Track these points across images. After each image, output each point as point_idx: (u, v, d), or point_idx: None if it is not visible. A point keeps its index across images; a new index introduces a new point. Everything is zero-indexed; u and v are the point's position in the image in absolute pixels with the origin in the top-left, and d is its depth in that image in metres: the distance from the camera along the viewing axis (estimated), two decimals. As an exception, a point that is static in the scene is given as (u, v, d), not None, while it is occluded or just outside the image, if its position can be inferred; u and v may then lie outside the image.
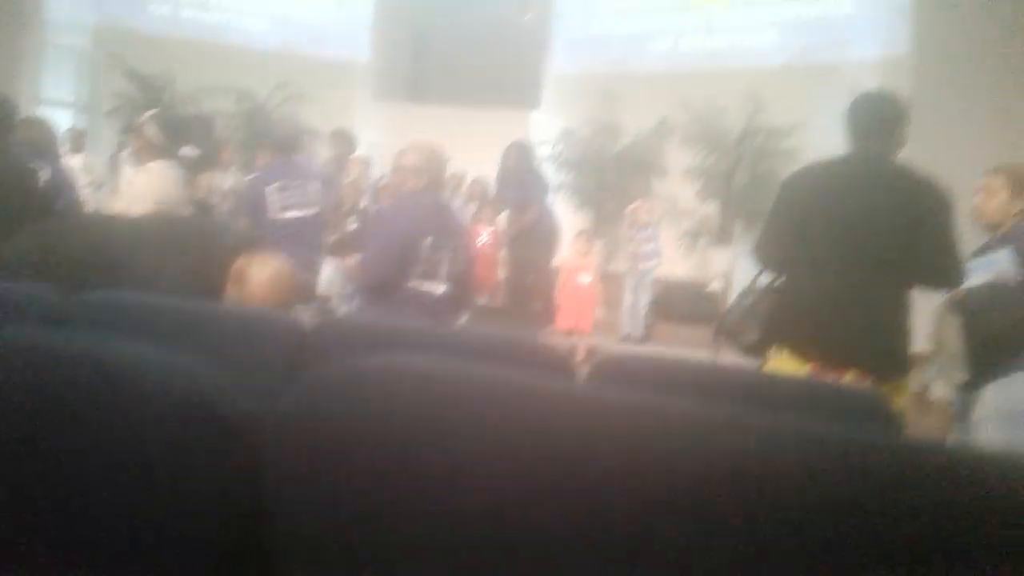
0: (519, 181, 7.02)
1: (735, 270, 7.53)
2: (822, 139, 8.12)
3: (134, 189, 4.07)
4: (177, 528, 0.73)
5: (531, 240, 7.00)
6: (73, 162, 6.94)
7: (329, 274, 5.67)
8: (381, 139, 10.51)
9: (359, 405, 0.68)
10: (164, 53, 10.53)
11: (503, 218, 6.88)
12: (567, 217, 7.62)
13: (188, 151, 8.15)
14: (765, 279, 2.97)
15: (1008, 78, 7.70)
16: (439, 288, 3.37)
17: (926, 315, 3.13)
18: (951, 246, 2.65)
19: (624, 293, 7.04)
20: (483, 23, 11.35)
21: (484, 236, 6.95)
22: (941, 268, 2.67)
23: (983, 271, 3.11)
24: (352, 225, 6.10)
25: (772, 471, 0.59)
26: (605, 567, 0.61)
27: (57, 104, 10.34)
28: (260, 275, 2.36)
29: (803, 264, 2.72)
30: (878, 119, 2.76)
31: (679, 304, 7.70)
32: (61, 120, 9.47)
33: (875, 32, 8.85)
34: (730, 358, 3.00)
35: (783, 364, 2.69)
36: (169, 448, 0.72)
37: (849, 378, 2.57)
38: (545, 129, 10.67)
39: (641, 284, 6.99)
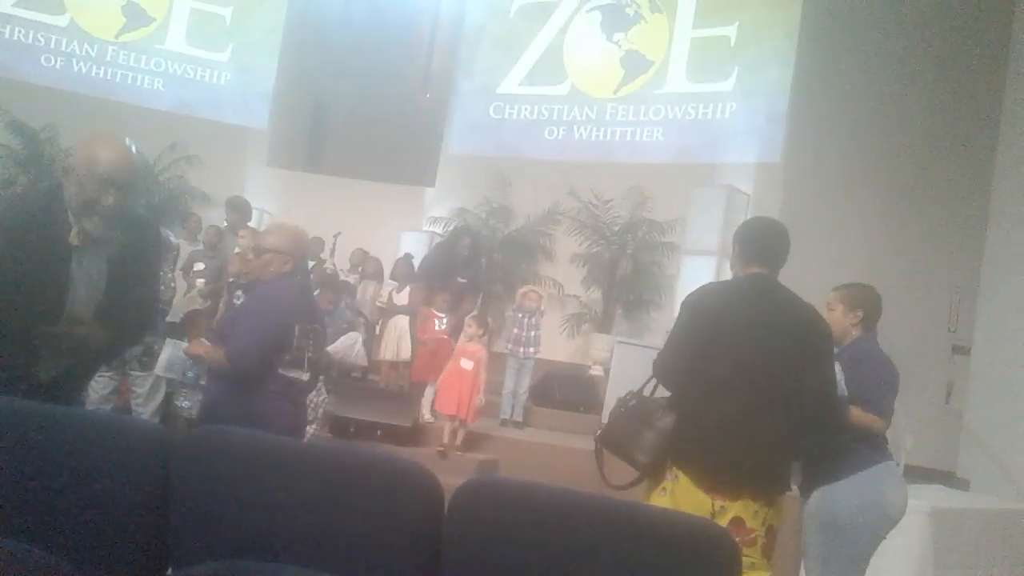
0: (474, 269, 7.10)
1: (613, 357, 7.77)
2: (698, 235, 8.62)
3: None
4: None
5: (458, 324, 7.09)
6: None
7: (170, 356, 5.22)
8: (273, 207, 10.46)
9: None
10: (51, 106, 10.26)
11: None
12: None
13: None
14: (650, 389, 3.07)
15: (872, 193, 8.37)
16: (304, 375, 3.30)
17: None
18: (831, 380, 2.91)
19: (505, 376, 7.14)
20: (383, 99, 11.53)
21: (442, 324, 6.99)
22: (823, 399, 2.87)
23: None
24: (238, 300, 5.93)
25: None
26: None
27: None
28: (109, 149, 2.44)
29: (701, 385, 2.82)
30: (767, 246, 2.98)
31: (560, 388, 7.86)
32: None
33: (751, 138, 9.46)
34: (612, 464, 3.04)
35: (680, 489, 2.77)
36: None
37: (742, 504, 2.70)
38: (438, 207, 10.87)
39: (522, 369, 7.11)
